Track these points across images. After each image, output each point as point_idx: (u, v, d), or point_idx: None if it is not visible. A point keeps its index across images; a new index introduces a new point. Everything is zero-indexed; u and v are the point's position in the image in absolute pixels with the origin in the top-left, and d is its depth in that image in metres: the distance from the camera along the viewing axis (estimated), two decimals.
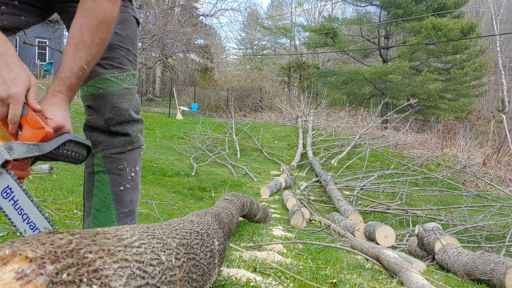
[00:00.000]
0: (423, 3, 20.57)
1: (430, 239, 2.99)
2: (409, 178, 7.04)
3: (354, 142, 10.49)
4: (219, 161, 8.56)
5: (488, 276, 2.37)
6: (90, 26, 1.01)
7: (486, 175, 8.41)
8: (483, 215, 4.69)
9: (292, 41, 34.60)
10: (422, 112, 20.78)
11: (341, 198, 5.39)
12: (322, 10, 32.80)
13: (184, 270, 0.77)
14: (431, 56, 21.70)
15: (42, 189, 2.74)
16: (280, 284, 1.45)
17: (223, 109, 15.40)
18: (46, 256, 0.45)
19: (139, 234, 0.70)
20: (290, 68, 28.19)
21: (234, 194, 2.30)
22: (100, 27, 1.02)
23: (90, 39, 1.01)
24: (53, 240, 0.50)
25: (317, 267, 1.84)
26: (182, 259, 0.78)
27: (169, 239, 0.78)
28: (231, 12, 42.13)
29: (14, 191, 0.95)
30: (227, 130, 11.82)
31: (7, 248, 0.44)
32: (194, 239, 0.93)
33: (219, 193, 5.42)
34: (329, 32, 22.39)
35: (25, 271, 0.42)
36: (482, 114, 27.38)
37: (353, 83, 22.86)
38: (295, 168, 8.82)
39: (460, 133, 13.30)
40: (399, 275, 1.89)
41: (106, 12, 1.02)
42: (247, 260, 1.72)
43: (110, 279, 0.52)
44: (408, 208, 5.30)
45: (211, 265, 1.00)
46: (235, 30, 53.57)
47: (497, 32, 27.52)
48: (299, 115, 13.18)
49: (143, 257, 0.64)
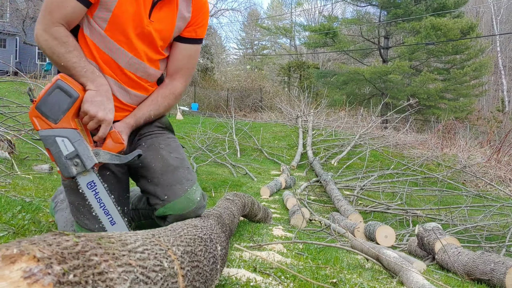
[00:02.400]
0: (422, 3, 20.57)
1: (430, 239, 3.00)
2: (409, 178, 7.04)
3: (354, 142, 10.49)
4: (219, 161, 8.56)
5: (488, 276, 2.38)
6: (164, 94, 1.53)
7: (486, 175, 8.42)
8: (483, 215, 4.70)
9: (292, 41, 34.60)
10: (422, 112, 20.78)
11: (341, 198, 5.39)
12: (322, 10, 32.81)
13: (188, 279, 0.78)
14: (431, 56, 21.69)
15: (42, 189, 2.74)
16: (280, 284, 1.45)
17: (223, 109, 15.42)
18: (53, 256, 0.46)
19: (142, 240, 0.70)
20: (290, 68, 28.20)
21: (236, 194, 2.30)
22: (170, 96, 1.53)
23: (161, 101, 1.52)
24: (59, 242, 0.50)
25: (317, 267, 1.85)
26: (187, 268, 0.79)
27: (174, 247, 0.79)
28: (231, 12, 42.10)
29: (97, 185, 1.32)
30: (227, 130, 11.82)
31: (15, 248, 0.45)
32: (198, 246, 0.94)
33: (219, 193, 5.43)
34: (329, 32, 22.39)
35: (33, 270, 0.43)
36: (482, 114, 27.38)
37: (353, 83, 22.86)
38: (295, 168, 8.82)
39: (460, 133, 13.31)
40: (399, 275, 1.90)
41: (176, 89, 1.55)
42: (247, 260, 1.73)
43: (115, 282, 0.53)
44: (408, 208, 5.31)
45: (214, 271, 1.01)
46: (235, 30, 53.59)
47: (497, 32, 27.53)
48: (299, 115, 13.19)
49: (147, 263, 0.64)
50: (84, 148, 1.29)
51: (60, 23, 1.33)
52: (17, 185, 2.71)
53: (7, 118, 4.80)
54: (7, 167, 3.39)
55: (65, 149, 1.28)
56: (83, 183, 1.31)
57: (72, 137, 1.28)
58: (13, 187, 2.60)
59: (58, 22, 1.33)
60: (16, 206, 1.94)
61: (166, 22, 1.46)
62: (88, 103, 1.30)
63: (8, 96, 7.78)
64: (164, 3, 1.43)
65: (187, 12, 1.50)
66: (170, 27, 1.47)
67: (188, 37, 1.53)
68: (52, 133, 1.29)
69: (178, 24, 1.49)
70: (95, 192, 1.32)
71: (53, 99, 1.29)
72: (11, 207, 1.91)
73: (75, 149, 1.28)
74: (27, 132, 4.97)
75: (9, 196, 2.20)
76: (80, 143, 1.29)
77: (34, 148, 4.85)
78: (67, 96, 1.29)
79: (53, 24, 1.32)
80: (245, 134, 11.92)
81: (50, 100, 1.29)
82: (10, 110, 5.17)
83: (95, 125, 1.32)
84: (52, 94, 1.29)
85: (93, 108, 1.30)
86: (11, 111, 5.05)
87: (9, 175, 3.05)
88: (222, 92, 25.22)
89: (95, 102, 1.30)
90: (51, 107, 1.28)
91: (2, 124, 4.54)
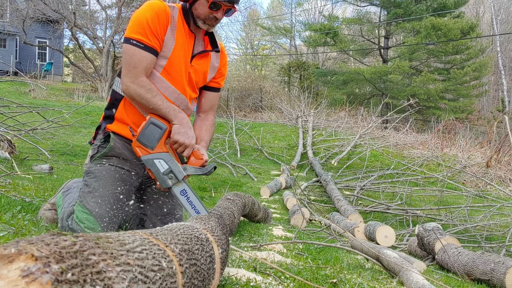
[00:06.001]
0: (423, 3, 20.56)
1: (430, 239, 3.00)
2: (409, 178, 7.04)
3: (354, 142, 10.48)
4: (219, 161, 8.56)
5: (488, 276, 2.38)
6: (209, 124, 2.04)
7: (486, 175, 8.41)
8: (483, 215, 4.69)
9: (292, 41, 34.58)
10: (422, 112, 20.77)
11: (341, 198, 5.39)
12: (322, 9, 32.79)
13: (187, 276, 0.78)
14: (431, 56, 21.69)
15: (42, 189, 2.74)
16: (280, 284, 1.45)
17: (223, 109, 15.40)
18: (51, 255, 0.45)
19: (141, 240, 0.70)
20: (290, 68, 28.17)
21: (236, 194, 2.31)
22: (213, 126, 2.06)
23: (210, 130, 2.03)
24: (57, 241, 0.50)
25: (317, 267, 1.85)
26: (185, 265, 0.79)
27: (172, 245, 0.79)
28: None
29: (187, 192, 1.74)
30: (227, 130, 11.82)
31: (13, 247, 0.45)
32: (195, 245, 0.94)
33: (219, 193, 5.43)
34: (329, 32, 22.38)
35: (31, 269, 0.42)
36: (482, 114, 27.37)
37: (353, 83, 22.85)
38: (295, 168, 8.82)
39: (460, 133, 13.31)
40: (399, 275, 1.90)
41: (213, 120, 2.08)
42: (247, 260, 1.73)
43: (113, 281, 0.53)
44: (408, 208, 5.30)
45: (211, 270, 1.01)
46: (235, 30, 53.57)
47: (497, 32, 27.52)
48: (299, 115, 13.18)
49: (145, 262, 0.64)
50: (176, 165, 1.71)
51: (143, 74, 1.72)
52: (17, 185, 2.70)
53: (7, 118, 4.80)
54: (7, 167, 3.39)
55: (162, 167, 1.69)
56: (177, 191, 1.73)
57: (166, 158, 1.70)
58: (13, 187, 2.60)
59: (141, 74, 1.71)
60: (16, 206, 1.94)
61: (202, 69, 1.93)
62: (176, 134, 1.73)
63: (8, 96, 7.78)
64: (202, 56, 1.90)
65: (216, 63, 1.98)
66: (204, 72, 1.94)
67: (214, 87, 2.05)
68: (151, 157, 1.70)
69: (210, 71, 1.97)
70: (186, 197, 1.74)
71: (149, 132, 1.71)
72: (11, 207, 1.91)
73: (169, 167, 1.70)
74: (27, 132, 4.98)
75: (9, 196, 2.20)
76: (172, 162, 1.71)
77: (34, 148, 4.85)
78: (159, 128, 1.71)
79: (139, 76, 1.71)
80: (245, 134, 11.92)
81: (147, 132, 1.71)
82: (10, 110, 5.17)
83: (183, 149, 1.76)
84: (147, 128, 1.71)
85: (181, 138, 1.73)
86: (11, 111, 5.05)
87: (9, 175, 3.05)
88: (222, 92, 25.21)
89: (181, 133, 1.73)
90: (147, 137, 1.71)
91: (2, 124, 4.54)
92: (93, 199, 1.72)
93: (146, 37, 1.70)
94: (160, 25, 1.73)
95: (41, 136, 5.73)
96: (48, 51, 23.72)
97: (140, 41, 1.70)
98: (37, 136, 5.51)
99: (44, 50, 23.78)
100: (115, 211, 1.76)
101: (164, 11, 1.74)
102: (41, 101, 13.16)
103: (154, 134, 1.71)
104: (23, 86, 15.04)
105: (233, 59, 40.49)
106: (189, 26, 1.83)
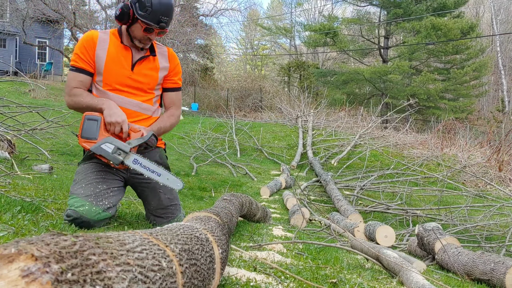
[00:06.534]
0: (423, 3, 20.56)
1: (430, 239, 3.00)
2: (409, 178, 7.04)
3: (354, 142, 10.48)
4: (219, 161, 8.56)
5: (488, 276, 2.38)
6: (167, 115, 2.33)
7: (486, 175, 8.41)
8: (483, 215, 4.69)
9: (292, 41, 34.57)
10: (422, 112, 20.77)
11: (341, 198, 5.39)
12: (322, 10, 32.78)
13: (187, 276, 0.77)
14: (431, 56, 21.68)
15: (42, 189, 2.74)
16: (280, 283, 1.45)
17: (223, 109, 15.41)
18: (51, 255, 0.45)
19: (141, 240, 0.70)
20: (290, 68, 28.17)
21: (233, 194, 2.31)
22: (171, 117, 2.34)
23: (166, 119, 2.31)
24: (57, 241, 0.50)
25: (317, 267, 1.85)
26: (185, 265, 0.79)
27: (172, 244, 0.79)
28: (231, 12, 42.05)
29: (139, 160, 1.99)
30: (227, 130, 11.82)
31: (13, 247, 0.45)
32: (195, 245, 0.94)
33: (219, 193, 5.43)
34: (329, 32, 22.38)
35: (31, 269, 0.42)
36: (482, 114, 27.36)
37: (353, 83, 22.85)
38: (295, 168, 8.82)
39: (460, 133, 13.30)
40: (399, 275, 1.90)
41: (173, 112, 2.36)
42: (247, 260, 1.73)
43: (113, 281, 0.53)
44: (408, 208, 5.30)
45: (211, 270, 1.01)
46: (235, 30, 53.55)
47: (497, 32, 27.52)
48: (299, 115, 13.18)
49: (145, 262, 0.64)
50: (120, 143, 1.97)
51: (75, 87, 2.10)
52: (17, 185, 2.70)
53: (7, 118, 4.80)
54: (7, 167, 3.39)
55: (108, 148, 1.94)
56: (129, 162, 1.97)
57: (110, 140, 1.96)
58: (13, 187, 2.60)
59: (73, 88, 2.10)
60: (16, 206, 1.94)
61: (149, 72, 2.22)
62: (107, 117, 2.01)
63: (8, 96, 7.78)
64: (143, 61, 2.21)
65: (166, 63, 2.29)
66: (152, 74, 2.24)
67: (172, 87, 2.36)
68: (97, 145, 1.96)
69: (161, 71, 2.27)
70: (140, 164, 1.99)
71: (87, 127, 2.00)
72: (11, 207, 1.91)
73: (115, 146, 1.95)
74: (27, 132, 4.97)
75: (9, 196, 2.20)
76: (116, 141, 1.96)
77: (34, 148, 4.84)
78: (94, 120, 2.00)
79: (71, 90, 2.10)
80: (245, 134, 11.92)
81: (86, 127, 2.00)
82: (10, 110, 5.17)
83: (119, 128, 2.02)
84: (85, 124, 2.00)
85: (111, 118, 2.00)
86: (11, 111, 5.05)
87: (9, 175, 3.05)
88: (222, 92, 25.22)
89: (110, 114, 2.01)
90: (88, 132, 2.00)
91: (2, 124, 4.53)
92: (78, 186, 2.04)
93: (77, 62, 2.12)
94: (88, 50, 2.12)
95: (41, 136, 5.72)
96: (48, 51, 23.71)
97: (73, 66, 2.13)
98: (37, 136, 5.51)
99: (44, 50, 23.77)
100: (102, 191, 2.04)
101: (91, 39, 2.13)
102: (41, 101, 13.15)
103: (92, 127, 1.99)
104: (23, 86, 15.03)
105: (233, 59, 40.52)
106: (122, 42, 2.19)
